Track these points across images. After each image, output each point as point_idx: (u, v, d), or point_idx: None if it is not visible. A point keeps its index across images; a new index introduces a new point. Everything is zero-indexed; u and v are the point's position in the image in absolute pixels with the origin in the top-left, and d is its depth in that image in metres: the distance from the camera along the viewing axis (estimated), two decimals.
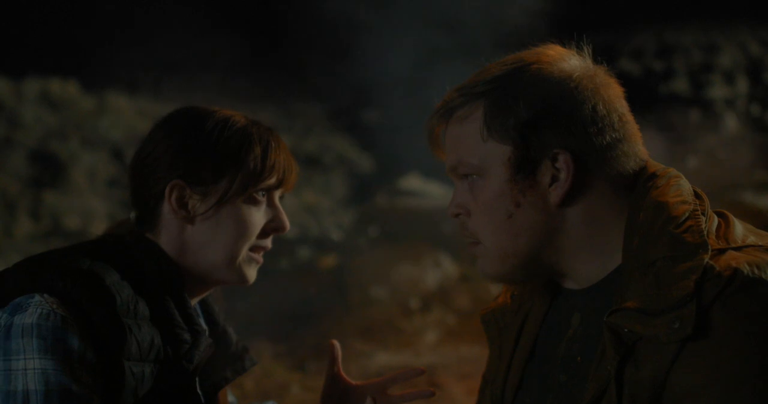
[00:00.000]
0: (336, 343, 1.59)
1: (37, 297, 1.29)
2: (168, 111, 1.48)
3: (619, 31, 11.52)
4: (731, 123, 10.36)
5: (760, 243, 1.15)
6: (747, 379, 1.04)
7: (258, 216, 1.43)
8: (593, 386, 1.13)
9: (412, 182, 9.56)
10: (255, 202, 1.42)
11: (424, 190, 9.42)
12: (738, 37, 11.44)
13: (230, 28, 11.23)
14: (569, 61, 1.23)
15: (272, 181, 1.43)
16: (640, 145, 1.24)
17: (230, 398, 1.61)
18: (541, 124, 1.19)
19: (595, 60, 1.26)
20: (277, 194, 1.46)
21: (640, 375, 1.09)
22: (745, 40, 11.41)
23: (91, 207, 9.46)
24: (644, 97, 9.77)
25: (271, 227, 1.45)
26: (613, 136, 1.19)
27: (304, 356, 6.55)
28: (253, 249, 1.44)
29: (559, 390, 1.22)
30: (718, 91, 10.58)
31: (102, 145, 9.81)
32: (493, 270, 1.25)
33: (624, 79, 1.27)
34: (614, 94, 1.22)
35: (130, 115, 10.22)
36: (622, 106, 1.23)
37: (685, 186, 1.20)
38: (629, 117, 1.23)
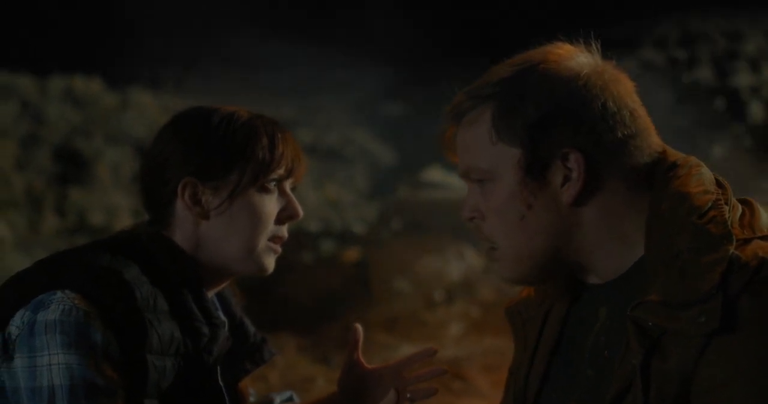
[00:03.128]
0: (359, 328, 1.61)
1: (59, 294, 1.30)
2: (191, 105, 1.51)
3: (642, 20, 11.42)
4: (757, 111, 10.25)
5: None
6: None
7: (271, 205, 1.44)
8: (618, 380, 1.13)
9: (435, 174, 9.55)
10: (267, 191, 1.44)
11: (447, 182, 9.41)
12: (763, 24, 11.30)
13: (252, 22, 11.23)
14: (577, 58, 1.21)
15: (281, 170, 1.44)
16: (653, 137, 1.22)
17: (250, 391, 1.62)
18: (550, 124, 1.17)
19: (618, 51, 1.24)
20: (287, 184, 1.47)
21: (666, 369, 1.08)
22: None
23: (115, 203, 9.53)
24: (668, 87, 9.69)
25: (285, 215, 1.46)
26: (625, 132, 1.18)
27: (328, 349, 6.57)
28: (271, 239, 1.45)
29: (587, 385, 1.21)
30: (743, 78, 10.47)
31: (126, 141, 9.88)
32: (511, 273, 1.25)
33: (647, 68, 1.25)
34: (624, 89, 1.21)
35: (153, 111, 10.28)
36: (633, 101, 1.21)
37: (707, 175, 1.19)
38: (641, 111, 1.21)
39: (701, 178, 1.18)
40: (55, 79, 10.05)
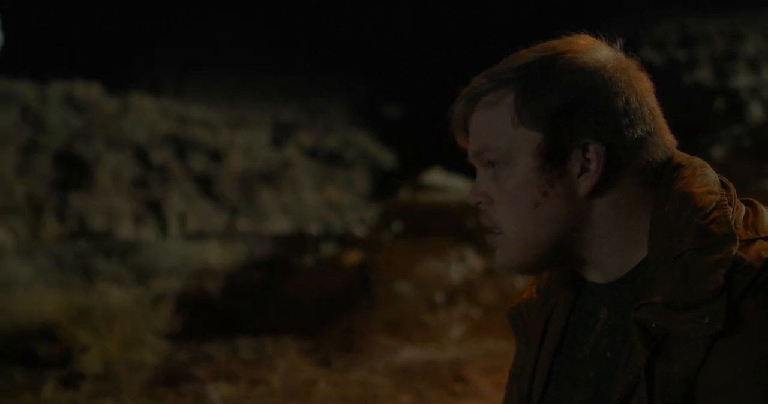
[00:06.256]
0: None
1: None
2: (190, 109, 1.50)
3: (641, 20, 11.43)
4: (756, 111, 10.25)
5: None
6: None
7: None
8: (622, 382, 1.12)
9: (435, 176, 9.55)
10: None
11: (447, 184, 9.42)
12: (762, 24, 11.31)
13: (252, 25, 11.23)
14: (602, 51, 1.22)
15: None
16: (668, 135, 1.23)
17: None
18: (574, 113, 1.18)
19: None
20: None
21: (671, 371, 1.08)
22: None
23: (116, 207, 9.54)
24: (668, 87, 9.70)
25: None
26: (645, 129, 1.19)
27: (330, 352, 6.57)
28: None
29: (589, 386, 1.21)
30: (742, 79, 10.48)
31: (126, 145, 9.90)
32: (512, 261, 1.24)
33: (647, 69, 1.26)
34: (646, 87, 1.22)
35: (153, 116, 10.29)
36: (652, 100, 1.22)
37: (711, 176, 1.19)
38: (659, 111, 1.23)
39: (706, 178, 1.18)
40: (56, 85, 10.06)
